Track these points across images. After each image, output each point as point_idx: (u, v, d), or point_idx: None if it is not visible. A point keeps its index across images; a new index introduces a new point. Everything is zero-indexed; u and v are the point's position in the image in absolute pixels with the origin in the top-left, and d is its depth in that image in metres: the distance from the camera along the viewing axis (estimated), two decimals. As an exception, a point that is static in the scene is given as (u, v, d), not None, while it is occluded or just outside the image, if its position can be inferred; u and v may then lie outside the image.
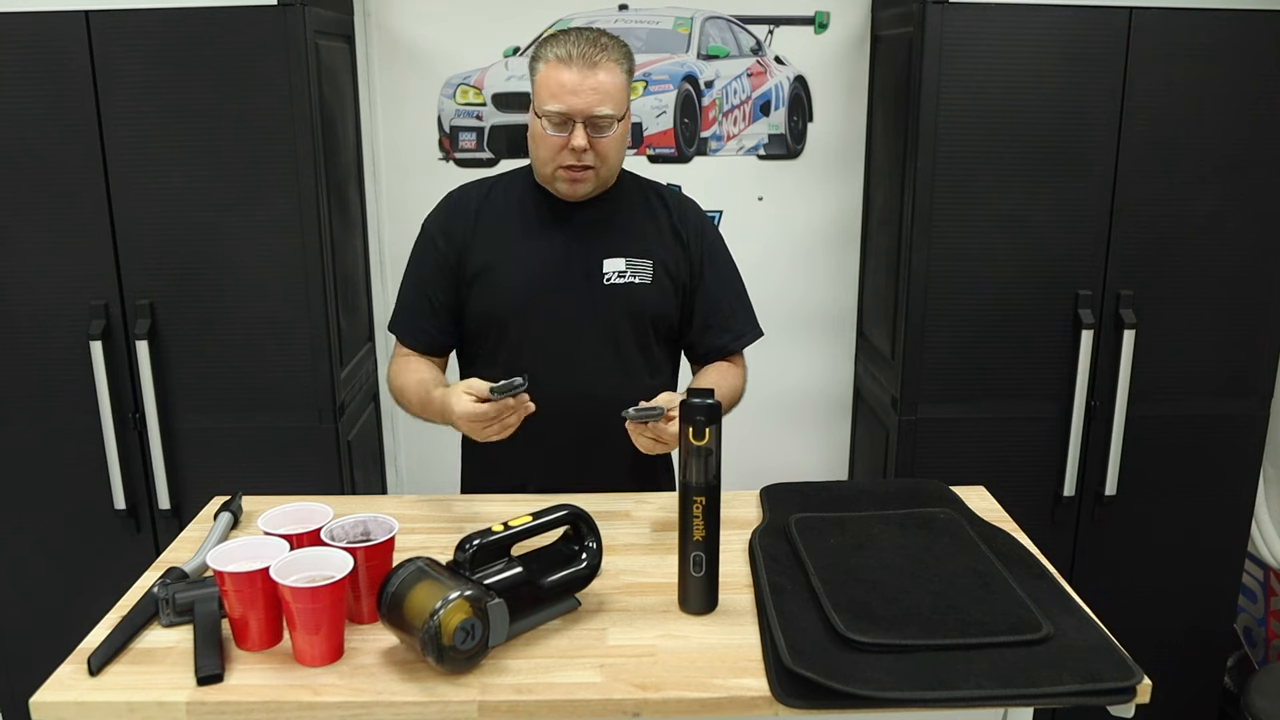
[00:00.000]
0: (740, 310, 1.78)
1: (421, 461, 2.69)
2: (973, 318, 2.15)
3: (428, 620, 1.08)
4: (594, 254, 1.66)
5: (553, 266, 1.66)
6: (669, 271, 1.69)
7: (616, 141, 1.60)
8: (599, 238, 1.67)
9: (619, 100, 1.57)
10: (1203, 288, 2.17)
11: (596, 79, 1.54)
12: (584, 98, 1.54)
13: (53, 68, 1.97)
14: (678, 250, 1.71)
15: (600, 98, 1.54)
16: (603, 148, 1.58)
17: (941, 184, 2.08)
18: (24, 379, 2.11)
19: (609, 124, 1.57)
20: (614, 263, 1.66)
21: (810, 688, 1.09)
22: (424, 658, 1.11)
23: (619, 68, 1.57)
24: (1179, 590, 2.32)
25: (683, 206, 1.75)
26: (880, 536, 1.43)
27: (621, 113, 1.59)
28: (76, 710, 1.10)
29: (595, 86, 1.54)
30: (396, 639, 1.18)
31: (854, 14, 2.47)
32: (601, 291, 1.66)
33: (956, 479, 1.69)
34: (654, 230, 1.71)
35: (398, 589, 1.13)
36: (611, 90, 1.55)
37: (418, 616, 1.10)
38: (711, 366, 1.76)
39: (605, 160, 1.60)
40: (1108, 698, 1.11)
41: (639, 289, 1.67)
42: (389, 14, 2.44)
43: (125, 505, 2.15)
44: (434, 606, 1.08)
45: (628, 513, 1.58)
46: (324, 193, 2.08)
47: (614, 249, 1.67)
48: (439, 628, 1.08)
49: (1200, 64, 2.05)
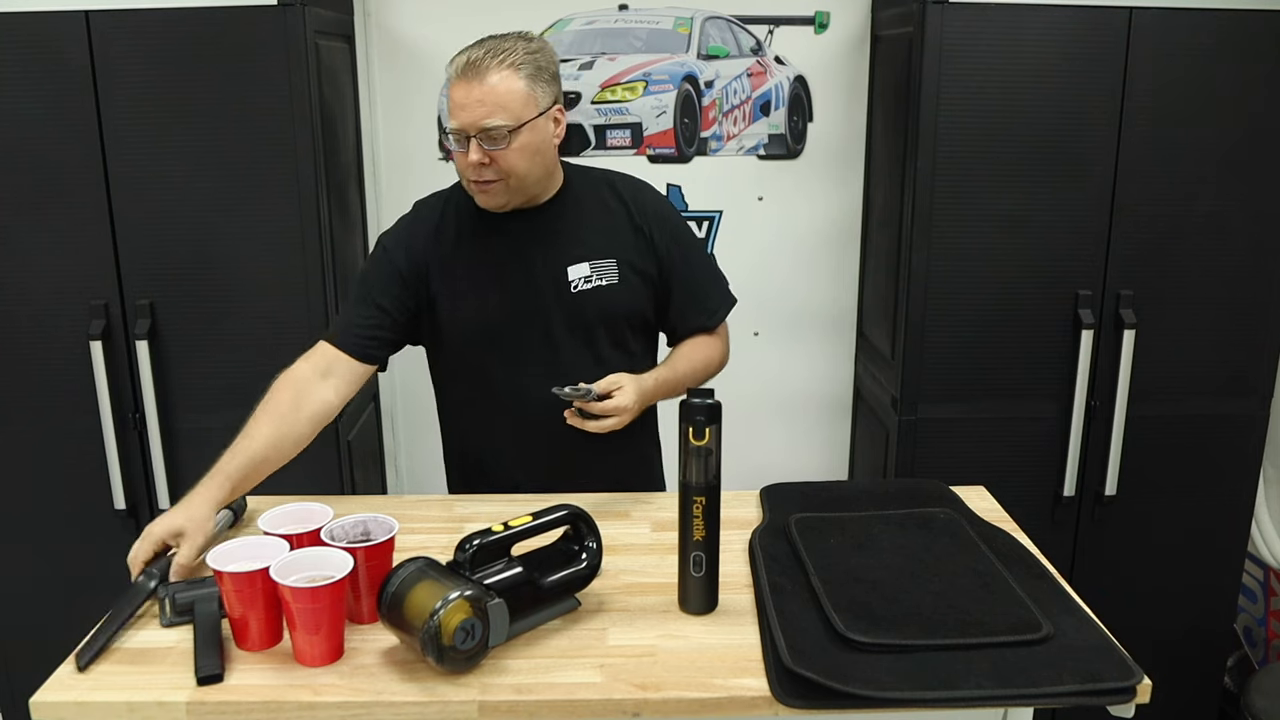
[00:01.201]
0: (714, 287, 1.74)
1: (421, 461, 2.69)
2: (973, 318, 2.15)
3: (428, 620, 1.08)
4: (556, 263, 1.62)
5: (516, 287, 1.62)
6: (635, 268, 1.66)
7: (519, 151, 1.51)
8: (556, 246, 1.63)
9: (512, 109, 1.48)
10: (1203, 288, 2.17)
11: (483, 89, 1.47)
12: (470, 111, 1.48)
13: (53, 68, 1.97)
14: (641, 244, 1.66)
15: (487, 110, 1.47)
16: (505, 160, 1.51)
17: (941, 184, 2.08)
18: (24, 379, 2.11)
19: (501, 135, 1.49)
20: (579, 269, 1.62)
21: (810, 688, 1.09)
22: (424, 658, 1.11)
23: (517, 72, 1.49)
24: (1179, 590, 2.32)
25: (640, 197, 1.69)
26: (880, 536, 1.43)
27: (517, 121, 1.49)
28: (76, 710, 1.10)
29: (481, 98, 1.47)
30: (396, 639, 1.18)
31: (854, 14, 2.47)
32: (570, 299, 1.62)
33: (956, 479, 1.69)
34: (613, 228, 1.66)
35: (398, 589, 1.13)
36: (503, 98, 1.48)
37: (418, 616, 1.10)
38: (686, 340, 1.72)
39: (512, 171, 1.52)
40: (1108, 698, 1.11)
41: (608, 291, 1.64)
42: (389, 14, 2.44)
43: (125, 505, 2.15)
44: (434, 606, 1.08)
45: (627, 513, 1.58)
46: (324, 193, 2.08)
47: (576, 254, 1.63)
48: (439, 628, 1.08)
49: (1200, 64, 2.05)
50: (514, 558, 1.22)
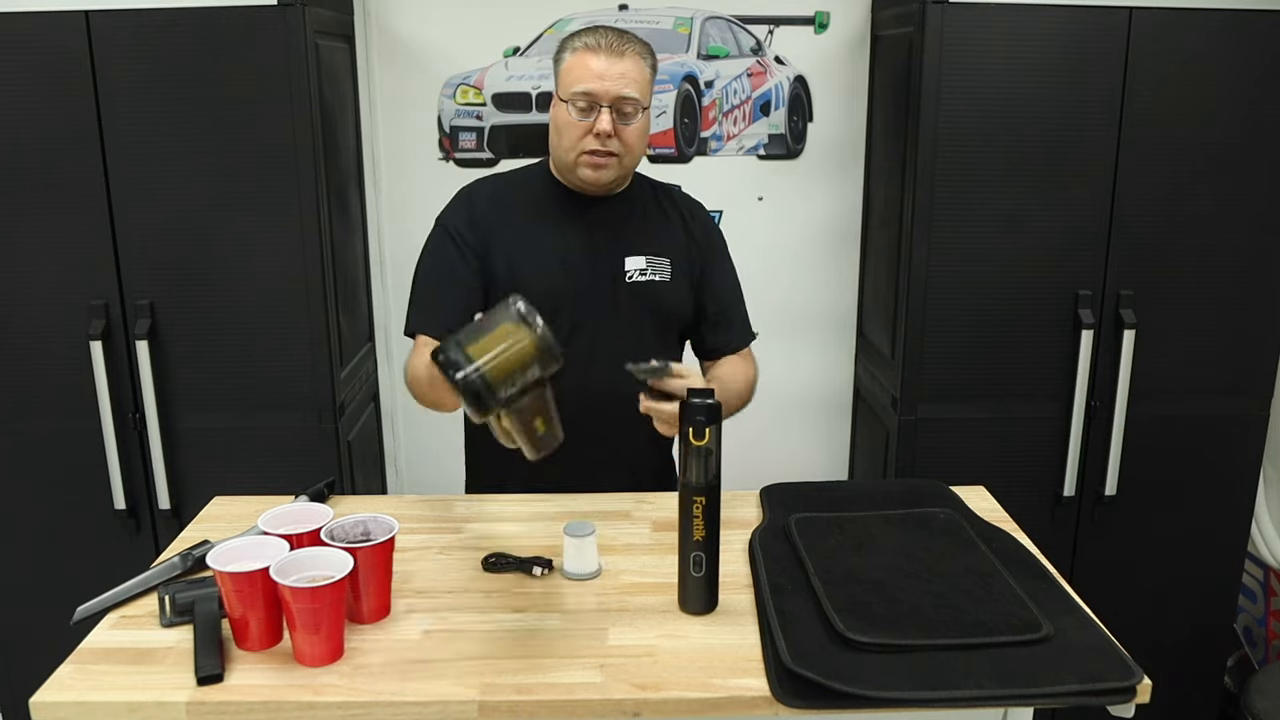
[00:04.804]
0: (741, 312, 1.80)
1: (421, 461, 2.69)
2: (973, 318, 2.15)
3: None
4: (616, 252, 1.68)
5: (578, 265, 1.66)
6: (683, 270, 1.71)
7: (639, 132, 1.61)
8: (619, 236, 1.68)
9: (644, 89, 1.60)
10: (1203, 288, 2.17)
11: (623, 65, 1.57)
12: (611, 81, 1.56)
13: (53, 68, 1.97)
14: (690, 248, 1.73)
15: (626, 82, 1.57)
16: (627, 136, 1.59)
17: (941, 184, 2.08)
18: (24, 379, 2.11)
19: (634, 109, 1.59)
20: (635, 261, 1.68)
21: (810, 688, 1.09)
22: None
23: (644, 61, 1.61)
24: (1179, 590, 2.32)
25: (691, 206, 1.78)
26: (880, 537, 1.43)
27: (646, 103, 1.61)
28: (76, 710, 1.10)
29: (622, 72, 1.57)
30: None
31: (854, 14, 2.47)
32: (625, 290, 1.67)
33: (956, 479, 1.69)
34: (668, 229, 1.72)
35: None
36: (637, 77, 1.58)
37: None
38: (725, 360, 1.76)
39: (629, 149, 1.61)
40: (1108, 698, 1.11)
41: (659, 286, 1.69)
42: (389, 14, 2.44)
43: (125, 505, 2.15)
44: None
45: (628, 513, 1.59)
46: (324, 193, 2.08)
47: (634, 247, 1.68)
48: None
49: (1200, 64, 2.05)
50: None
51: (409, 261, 1.71)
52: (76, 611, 1.22)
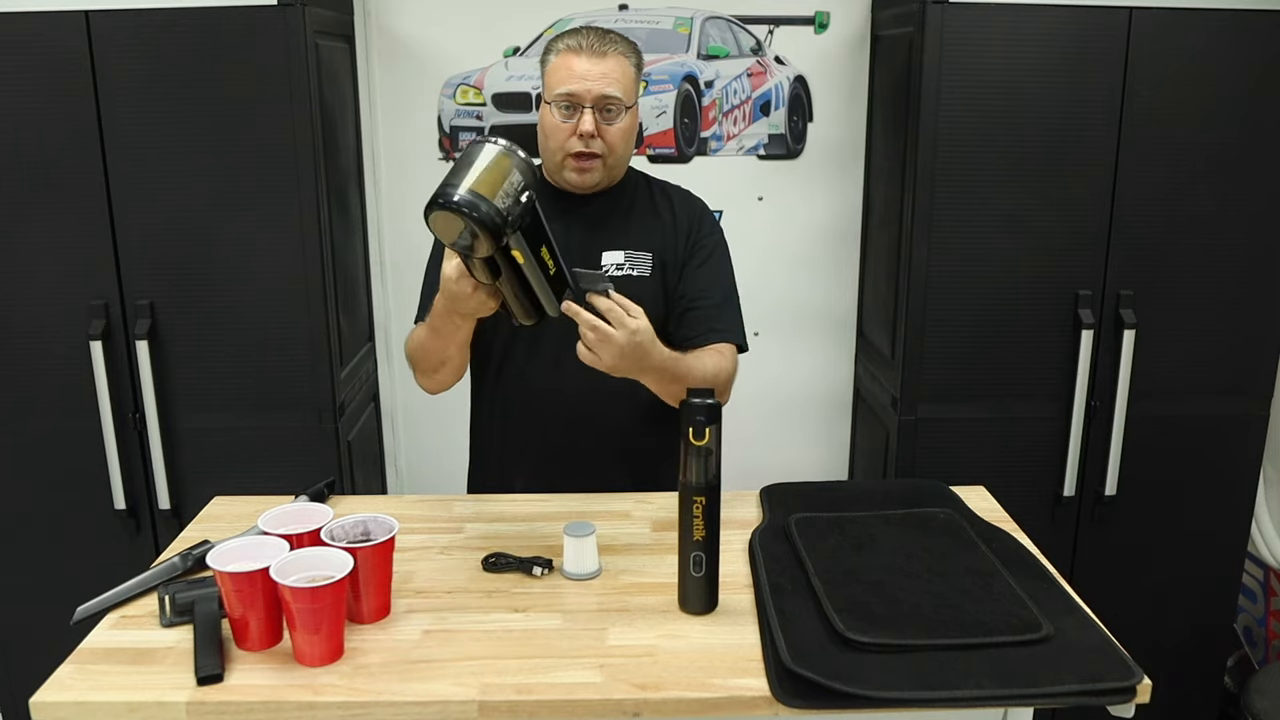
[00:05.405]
0: (726, 311, 1.69)
1: (421, 461, 2.69)
2: (973, 318, 2.15)
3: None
4: (593, 247, 1.66)
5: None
6: (668, 269, 1.68)
7: (624, 132, 1.61)
8: (598, 231, 1.67)
9: (627, 88, 1.60)
10: (1203, 288, 2.17)
11: (605, 65, 1.57)
12: (593, 81, 1.56)
13: (53, 68, 1.97)
14: (677, 244, 1.69)
15: (609, 82, 1.57)
16: (610, 135, 1.59)
17: (941, 184, 2.08)
18: (24, 379, 2.11)
19: (618, 109, 1.58)
20: (612, 255, 1.66)
21: (810, 688, 1.09)
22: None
23: (628, 60, 1.61)
24: (1179, 590, 2.32)
25: (689, 205, 1.75)
26: (880, 536, 1.43)
27: (630, 102, 1.61)
28: (76, 710, 1.10)
29: (606, 72, 1.57)
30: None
31: (854, 14, 2.47)
32: None
33: (956, 479, 1.69)
34: (655, 224, 1.70)
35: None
36: (619, 77, 1.58)
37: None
38: (696, 350, 1.66)
39: (613, 149, 1.61)
40: (1108, 698, 1.11)
41: (636, 282, 1.65)
42: (389, 14, 2.44)
43: (125, 505, 2.15)
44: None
45: (628, 513, 1.59)
46: (324, 193, 2.08)
47: (613, 242, 1.67)
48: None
49: (1200, 64, 2.05)
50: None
51: (409, 261, 1.72)
52: (76, 611, 1.22)
